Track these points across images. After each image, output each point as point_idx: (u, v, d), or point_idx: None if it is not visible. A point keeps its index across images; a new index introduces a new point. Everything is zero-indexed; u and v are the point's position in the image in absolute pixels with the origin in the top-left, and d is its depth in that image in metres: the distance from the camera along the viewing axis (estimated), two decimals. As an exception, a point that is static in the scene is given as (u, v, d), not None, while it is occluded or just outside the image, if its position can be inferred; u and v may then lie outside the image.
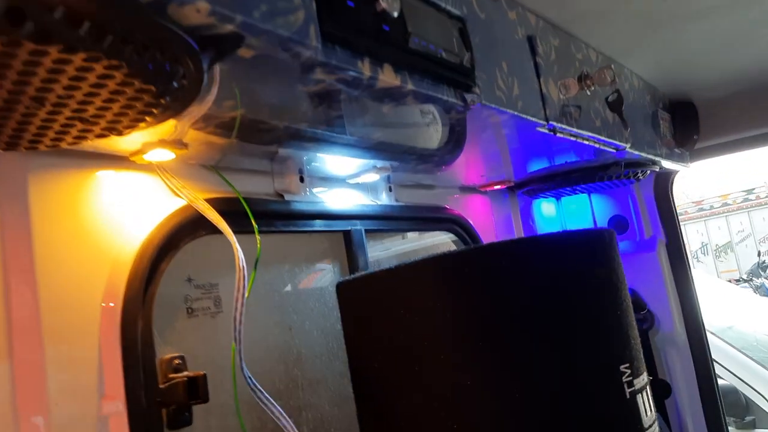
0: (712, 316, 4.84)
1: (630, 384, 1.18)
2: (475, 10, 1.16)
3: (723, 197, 18.47)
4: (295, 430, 1.19)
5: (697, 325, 2.36)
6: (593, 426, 1.12)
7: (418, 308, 1.13)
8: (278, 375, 1.40)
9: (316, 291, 1.54)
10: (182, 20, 0.67)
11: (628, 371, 1.19)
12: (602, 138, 1.59)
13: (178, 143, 1.08)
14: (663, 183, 2.42)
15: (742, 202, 18.18)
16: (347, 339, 1.27)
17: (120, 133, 0.82)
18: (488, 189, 2.18)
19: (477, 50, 1.13)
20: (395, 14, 0.90)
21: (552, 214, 2.62)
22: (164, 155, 1.11)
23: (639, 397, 1.20)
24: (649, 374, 2.41)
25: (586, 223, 2.60)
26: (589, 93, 1.53)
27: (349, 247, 1.56)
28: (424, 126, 1.55)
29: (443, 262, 1.14)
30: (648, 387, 1.25)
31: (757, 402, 3.99)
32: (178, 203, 1.18)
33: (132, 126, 0.81)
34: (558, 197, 2.56)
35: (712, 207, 18.61)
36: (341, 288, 1.27)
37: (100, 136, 0.82)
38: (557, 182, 2.11)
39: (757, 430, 4.00)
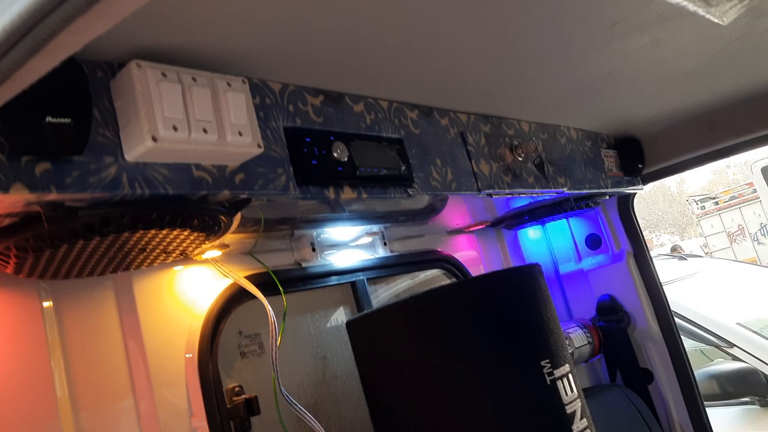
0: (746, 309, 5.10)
1: (551, 374, 1.67)
2: (411, 130, 1.70)
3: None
4: (323, 431, 1.72)
5: (668, 319, 2.79)
6: (523, 402, 1.62)
7: (400, 335, 1.66)
8: (310, 392, 1.95)
9: (333, 329, 2.08)
10: (218, 199, 1.23)
11: (549, 365, 1.68)
12: (537, 190, 2.09)
13: (222, 245, 1.65)
14: (624, 204, 2.88)
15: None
16: (358, 363, 1.78)
17: (188, 256, 1.39)
18: (474, 228, 2.69)
19: (414, 158, 1.67)
20: (345, 159, 1.45)
21: (539, 237, 3.11)
22: (215, 254, 1.68)
23: (559, 382, 1.68)
24: (632, 365, 2.89)
25: (568, 243, 3.08)
26: (520, 159, 2.04)
27: (356, 294, 2.11)
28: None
29: (412, 302, 1.67)
30: (569, 375, 1.74)
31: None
32: (228, 282, 1.75)
33: (195, 251, 1.38)
34: (543, 223, 3.04)
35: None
36: (349, 325, 1.81)
37: (177, 259, 1.39)
38: (526, 218, 2.61)
39: (780, 407, 4.26)
